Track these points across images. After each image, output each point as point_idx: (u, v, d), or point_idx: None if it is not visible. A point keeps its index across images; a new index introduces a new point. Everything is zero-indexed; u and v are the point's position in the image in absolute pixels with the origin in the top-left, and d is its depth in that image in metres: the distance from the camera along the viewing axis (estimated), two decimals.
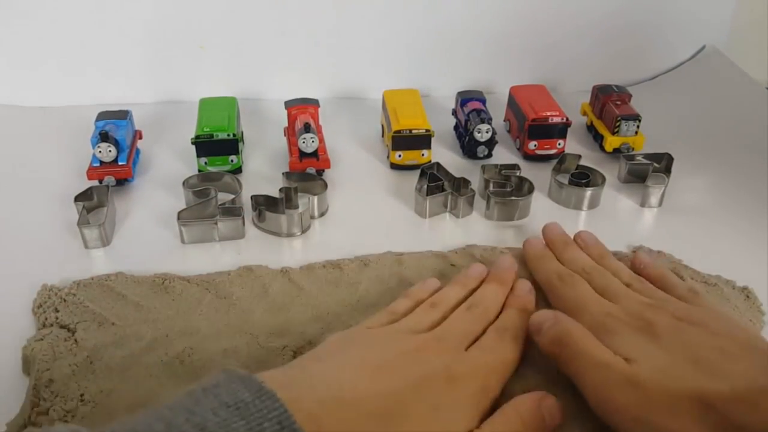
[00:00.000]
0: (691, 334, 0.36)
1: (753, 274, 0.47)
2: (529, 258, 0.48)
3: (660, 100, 0.73)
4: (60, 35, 0.67)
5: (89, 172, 0.55)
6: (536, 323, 0.39)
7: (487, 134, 0.60)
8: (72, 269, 0.46)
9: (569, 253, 0.47)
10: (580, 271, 0.44)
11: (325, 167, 0.58)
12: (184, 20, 0.68)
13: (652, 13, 0.75)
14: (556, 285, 0.43)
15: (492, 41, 0.73)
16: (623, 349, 0.36)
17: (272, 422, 0.27)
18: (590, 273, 0.44)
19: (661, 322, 0.37)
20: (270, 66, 0.72)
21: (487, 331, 0.39)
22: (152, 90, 0.72)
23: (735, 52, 0.80)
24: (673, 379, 0.33)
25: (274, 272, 0.47)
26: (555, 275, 0.44)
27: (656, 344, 0.36)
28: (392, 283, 0.46)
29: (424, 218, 0.54)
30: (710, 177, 0.60)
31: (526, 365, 0.39)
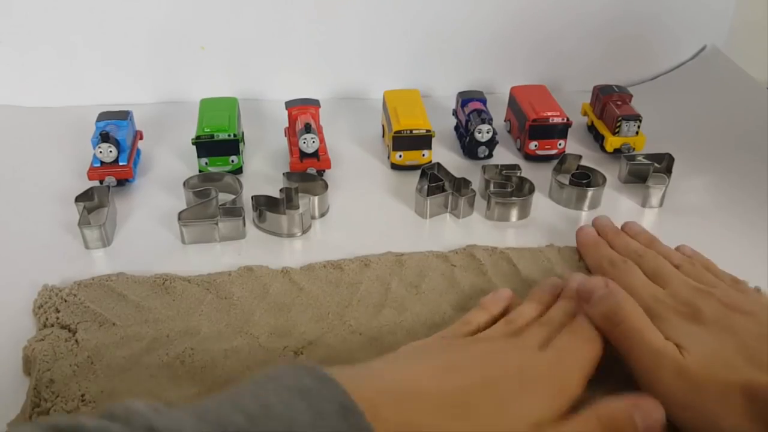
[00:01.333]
0: (738, 322, 0.36)
1: (753, 274, 0.47)
2: (581, 245, 0.49)
3: (661, 101, 0.73)
4: (61, 35, 0.67)
5: (90, 173, 0.55)
6: (587, 289, 0.39)
7: (487, 134, 0.60)
8: (73, 269, 0.46)
9: (620, 239, 0.48)
10: (633, 254, 0.45)
11: (326, 167, 0.58)
12: (185, 21, 0.68)
13: (653, 14, 0.75)
14: (607, 269, 0.44)
15: (493, 41, 0.73)
16: (672, 336, 0.36)
17: (333, 404, 0.27)
18: (642, 256, 0.45)
19: (708, 309, 0.38)
20: (271, 66, 0.72)
21: (561, 333, 0.38)
22: (153, 90, 0.72)
23: (735, 52, 0.79)
24: (722, 369, 0.34)
25: (275, 272, 0.47)
26: (606, 260, 0.45)
27: (705, 331, 0.36)
28: (393, 283, 0.46)
29: (424, 218, 0.54)
30: (711, 177, 0.60)
31: None
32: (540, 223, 0.54)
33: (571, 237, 0.51)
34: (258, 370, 0.39)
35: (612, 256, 0.46)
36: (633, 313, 0.37)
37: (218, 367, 0.39)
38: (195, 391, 0.38)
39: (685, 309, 0.38)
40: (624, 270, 0.43)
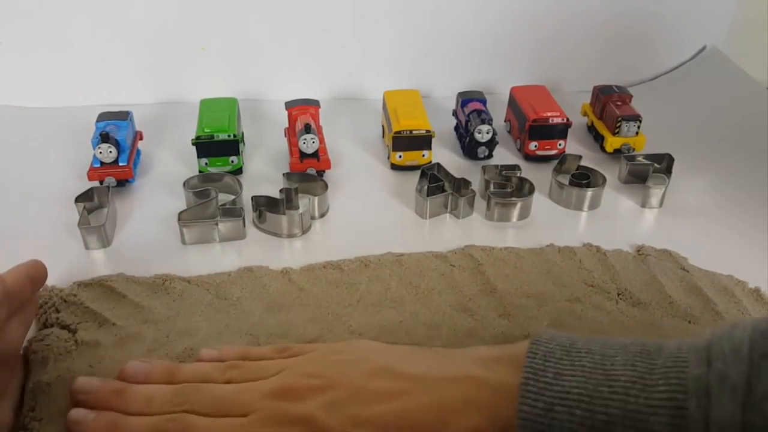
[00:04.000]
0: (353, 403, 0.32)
1: (753, 274, 0.47)
2: None
3: (661, 101, 0.73)
4: (60, 36, 0.67)
5: (90, 173, 0.55)
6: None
7: (487, 135, 0.60)
8: (73, 270, 0.46)
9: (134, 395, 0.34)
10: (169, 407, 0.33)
11: (326, 168, 0.58)
12: (184, 21, 0.68)
13: (653, 14, 0.75)
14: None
15: (493, 42, 0.73)
16: None
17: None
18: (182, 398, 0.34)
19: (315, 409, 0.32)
20: (270, 67, 0.72)
21: None
22: (153, 91, 0.72)
23: (735, 52, 0.79)
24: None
25: (275, 273, 0.47)
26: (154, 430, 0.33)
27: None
28: (392, 283, 0.46)
29: (424, 219, 0.54)
30: (711, 177, 0.60)
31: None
32: (540, 224, 0.54)
33: (571, 237, 0.51)
34: None
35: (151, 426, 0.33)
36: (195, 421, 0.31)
37: None
38: None
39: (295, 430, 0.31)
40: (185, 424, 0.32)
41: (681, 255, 0.49)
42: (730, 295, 0.45)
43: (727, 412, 0.25)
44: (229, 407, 0.33)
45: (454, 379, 0.32)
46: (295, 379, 0.33)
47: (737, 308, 0.44)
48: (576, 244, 0.51)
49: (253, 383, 0.34)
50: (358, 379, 0.33)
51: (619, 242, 0.51)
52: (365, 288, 0.46)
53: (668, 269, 0.48)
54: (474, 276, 0.47)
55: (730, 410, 0.25)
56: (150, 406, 0.34)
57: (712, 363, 0.26)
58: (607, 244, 0.50)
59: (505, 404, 0.28)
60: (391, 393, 0.32)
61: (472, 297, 0.45)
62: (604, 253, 0.50)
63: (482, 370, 0.32)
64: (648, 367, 0.27)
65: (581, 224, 0.54)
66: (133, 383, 0.35)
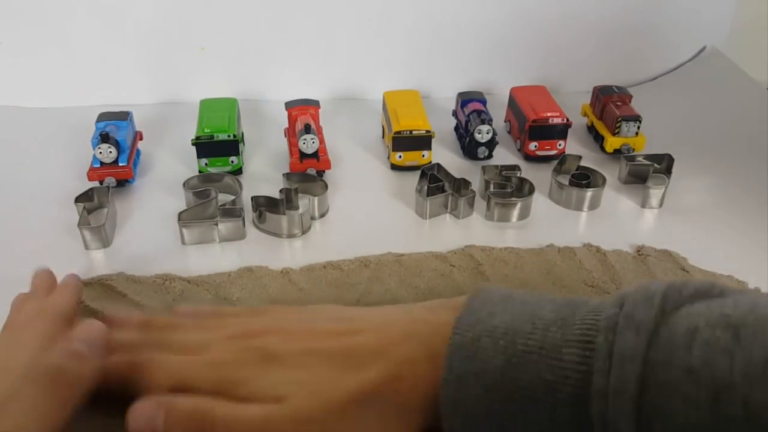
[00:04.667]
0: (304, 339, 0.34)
1: (753, 274, 0.47)
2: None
3: (660, 101, 0.73)
4: (60, 36, 0.67)
5: (90, 173, 0.55)
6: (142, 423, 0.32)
7: (487, 135, 0.60)
8: (72, 270, 0.46)
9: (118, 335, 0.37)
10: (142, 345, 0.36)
11: (326, 168, 0.58)
12: (184, 21, 0.68)
13: (653, 14, 0.75)
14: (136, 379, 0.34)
15: (492, 42, 0.73)
16: (265, 391, 0.32)
17: None
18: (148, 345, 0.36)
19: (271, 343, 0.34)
20: (270, 67, 0.72)
21: None
22: (153, 91, 0.72)
23: (735, 53, 0.79)
24: (327, 392, 0.32)
25: (275, 273, 0.47)
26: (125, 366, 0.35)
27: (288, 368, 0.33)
28: (392, 284, 0.46)
29: (424, 219, 0.54)
30: (711, 177, 0.60)
31: None
32: (540, 224, 0.54)
33: (571, 237, 0.51)
34: None
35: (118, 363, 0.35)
36: (215, 409, 0.32)
37: None
38: None
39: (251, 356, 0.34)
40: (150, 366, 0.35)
41: (681, 255, 0.49)
42: None
43: (629, 345, 0.27)
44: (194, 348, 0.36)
45: (400, 320, 0.35)
46: (257, 326, 0.37)
47: None
48: (576, 245, 0.51)
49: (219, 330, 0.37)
50: (313, 322, 0.37)
51: (619, 242, 0.51)
52: (365, 288, 0.46)
53: (668, 269, 0.48)
54: (474, 276, 0.47)
55: (633, 344, 0.27)
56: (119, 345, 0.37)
57: (624, 306, 0.28)
58: (607, 244, 0.50)
59: (441, 338, 0.31)
60: (341, 332, 0.35)
61: None
62: (604, 253, 0.50)
63: (428, 313, 0.35)
64: (571, 312, 0.30)
65: (581, 224, 0.54)
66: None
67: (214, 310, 0.41)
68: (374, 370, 0.32)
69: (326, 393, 0.32)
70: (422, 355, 0.32)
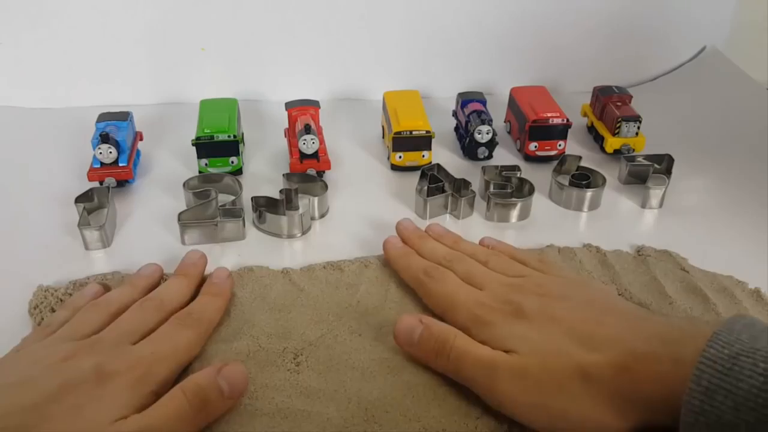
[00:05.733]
0: (558, 310, 0.38)
1: (753, 274, 0.47)
2: (391, 259, 0.48)
3: (660, 101, 0.73)
4: (61, 36, 0.67)
5: (90, 174, 0.55)
6: (405, 333, 0.39)
7: (487, 135, 0.60)
8: (72, 271, 0.46)
9: (426, 245, 0.48)
10: (441, 260, 0.45)
11: (326, 168, 0.58)
12: (184, 22, 0.68)
13: (653, 15, 0.75)
14: (424, 281, 0.44)
15: (493, 43, 0.74)
16: (501, 340, 0.37)
17: None
18: (451, 261, 0.45)
19: (528, 303, 0.39)
20: (270, 67, 0.72)
21: (168, 321, 0.40)
22: (153, 91, 0.72)
23: (735, 53, 0.79)
24: (554, 360, 0.35)
25: (275, 273, 0.47)
26: (421, 272, 0.44)
27: (530, 327, 0.37)
28: (392, 284, 0.46)
29: (424, 219, 0.54)
30: (711, 178, 0.60)
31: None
32: (540, 224, 0.54)
33: (571, 238, 0.51)
34: (258, 372, 0.39)
35: (425, 265, 0.45)
36: (456, 340, 0.38)
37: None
38: None
39: (507, 308, 0.39)
40: (440, 279, 0.43)
41: (681, 255, 0.49)
42: (730, 296, 0.45)
43: None
44: (474, 280, 0.43)
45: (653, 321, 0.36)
46: (528, 284, 0.41)
47: (737, 309, 0.44)
48: (576, 245, 0.51)
49: (498, 274, 0.43)
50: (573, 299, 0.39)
51: (619, 243, 0.51)
52: (365, 289, 0.46)
53: (668, 270, 0.48)
54: None
55: None
56: (430, 254, 0.46)
57: None
58: (607, 244, 0.51)
59: (692, 347, 0.30)
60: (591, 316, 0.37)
61: None
62: (604, 253, 0.50)
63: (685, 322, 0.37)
64: None
65: (581, 225, 0.54)
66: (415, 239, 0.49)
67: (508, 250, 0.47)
68: (606, 356, 0.33)
69: (551, 358, 0.35)
70: (665, 357, 0.32)
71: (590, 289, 0.41)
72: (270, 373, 0.39)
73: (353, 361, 0.40)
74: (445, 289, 0.42)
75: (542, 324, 0.37)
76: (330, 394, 0.38)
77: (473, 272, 0.44)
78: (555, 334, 0.36)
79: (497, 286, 0.42)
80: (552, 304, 0.39)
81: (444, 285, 0.43)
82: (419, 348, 0.39)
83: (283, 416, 0.36)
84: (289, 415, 0.36)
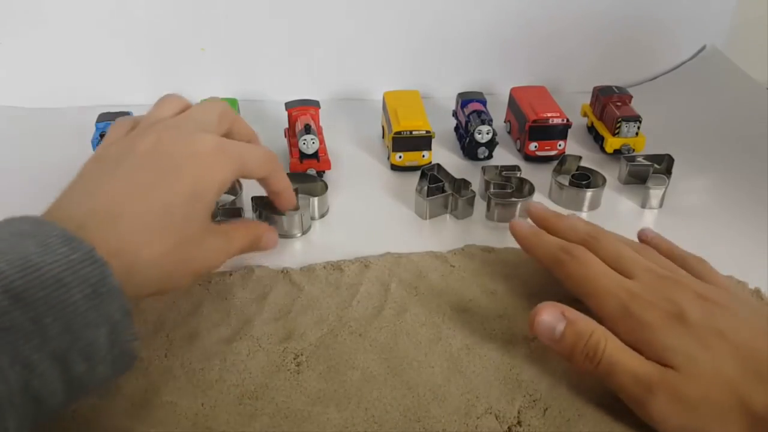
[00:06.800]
0: (721, 321, 0.34)
1: (753, 274, 0.47)
2: (522, 238, 0.45)
3: (660, 101, 0.73)
4: (61, 36, 0.67)
5: None
6: (545, 327, 0.36)
7: (487, 135, 0.60)
8: None
9: (565, 222, 0.44)
10: (586, 238, 0.41)
11: (326, 168, 0.58)
12: (184, 22, 0.68)
13: (652, 14, 0.75)
14: (563, 260, 0.40)
15: (493, 43, 0.73)
16: (660, 351, 0.34)
17: (56, 237, 0.30)
18: (597, 238, 0.41)
19: (690, 307, 0.35)
20: (270, 67, 0.72)
21: None
22: (153, 91, 0.71)
23: (735, 52, 0.79)
24: (716, 388, 0.32)
25: (275, 273, 0.47)
26: (558, 249, 0.40)
27: (693, 341, 0.33)
28: (393, 284, 0.46)
29: (424, 219, 0.54)
30: (711, 178, 0.60)
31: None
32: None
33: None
34: (258, 372, 0.39)
35: (563, 243, 0.41)
36: (607, 346, 0.34)
37: (216, 370, 0.39)
38: (192, 395, 0.38)
39: (665, 306, 0.35)
40: (582, 259, 0.39)
41: None
42: None
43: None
44: (623, 264, 0.38)
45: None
46: (683, 279, 0.38)
47: None
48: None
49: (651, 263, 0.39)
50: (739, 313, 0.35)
51: None
52: (365, 289, 0.46)
53: None
54: (474, 277, 0.47)
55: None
56: (570, 231, 0.43)
57: None
58: None
59: None
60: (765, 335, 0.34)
61: (472, 298, 0.45)
62: None
63: None
64: None
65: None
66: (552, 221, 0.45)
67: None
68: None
69: (716, 386, 0.31)
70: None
71: (751, 305, 0.38)
72: (270, 373, 0.39)
73: (353, 361, 0.40)
74: (587, 272, 0.38)
75: (707, 339, 0.33)
76: (330, 394, 0.38)
77: (622, 255, 0.39)
78: (721, 355, 0.33)
79: (651, 277, 0.37)
80: (716, 313, 0.35)
81: (586, 267, 0.38)
82: (561, 345, 0.36)
83: (283, 416, 0.36)
84: (290, 415, 0.36)
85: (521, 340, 0.42)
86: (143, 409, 0.36)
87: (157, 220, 0.35)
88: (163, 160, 0.37)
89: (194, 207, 0.37)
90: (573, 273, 0.39)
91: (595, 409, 0.37)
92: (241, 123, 0.45)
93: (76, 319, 0.29)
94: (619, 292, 0.37)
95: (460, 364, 0.40)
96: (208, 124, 0.41)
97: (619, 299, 0.36)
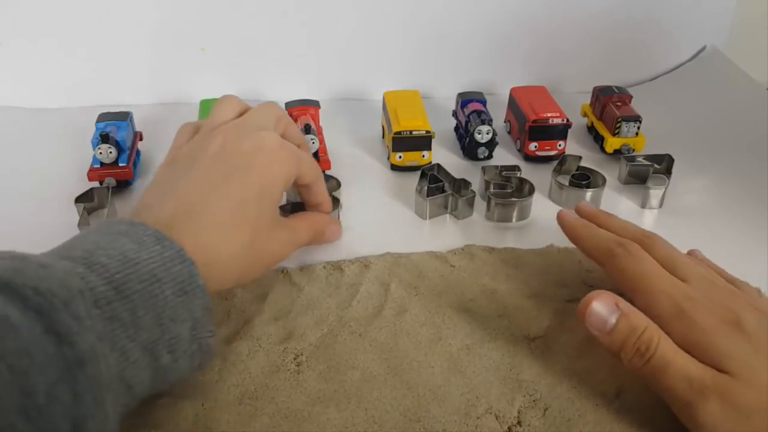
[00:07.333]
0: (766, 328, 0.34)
1: (753, 275, 0.47)
2: (571, 228, 0.44)
3: (660, 101, 0.73)
4: (61, 36, 0.67)
5: (90, 174, 0.55)
6: (597, 317, 0.35)
7: (487, 135, 0.60)
8: None
9: (616, 221, 0.44)
10: (639, 237, 0.41)
11: (326, 169, 0.58)
12: (184, 22, 0.68)
13: (653, 14, 0.75)
14: (618, 253, 0.39)
15: (493, 42, 0.73)
16: (715, 355, 0.33)
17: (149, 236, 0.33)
18: (650, 238, 0.40)
19: (746, 315, 0.34)
20: (270, 67, 0.72)
21: None
22: (153, 91, 0.72)
23: (735, 53, 0.79)
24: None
25: (275, 273, 0.47)
26: (613, 242, 0.40)
27: (750, 347, 0.33)
28: (393, 284, 0.46)
29: (424, 219, 0.54)
30: (711, 178, 0.60)
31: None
32: (540, 224, 0.54)
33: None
34: (258, 372, 0.39)
35: (617, 237, 0.40)
36: (660, 344, 0.33)
37: (216, 370, 0.39)
38: (192, 395, 0.38)
39: (721, 312, 0.34)
40: (637, 255, 0.38)
41: None
42: None
43: None
44: (677, 268, 0.38)
45: None
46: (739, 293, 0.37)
47: None
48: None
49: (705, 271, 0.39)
50: None
51: None
52: (365, 289, 0.46)
53: None
54: (474, 277, 0.47)
55: None
56: (621, 229, 0.42)
57: None
58: None
59: None
60: None
61: (472, 298, 0.45)
62: None
63: None
64: None
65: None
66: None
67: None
68: None
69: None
70: None
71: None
72: (270, 373, 0.39)
73: (353, 361, 0.40)
74: (641, 268, 0.37)
75: (764, 347, 0.33)
76: (330, 394, 0.38)
77: (676, 259, 0.38)
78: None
79: (706, 284, 0.37)
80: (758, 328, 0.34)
81: (640, 263, 0.38)
82: (611, 338, 0.35)
83: (283, 416, 0.36)
84: (290, 415, 0.36)
85: (521, 340, 0.42)
86: (143, 409, 0.36)
87: (233, 217, 0.37)
88: (232, 158, 0.39)
89: (264, 201, 0.39)
90: (626, 268, 0.38)
91: (595, 409, 0.37)
92: (293, 128, 0.48)
93: (166, 313, 0.31)
94: (673, 293, 0.36)
95: (460, 364, 0.40)
96: (266, 126, 0.43)
97: (673, 300, 0.35)
